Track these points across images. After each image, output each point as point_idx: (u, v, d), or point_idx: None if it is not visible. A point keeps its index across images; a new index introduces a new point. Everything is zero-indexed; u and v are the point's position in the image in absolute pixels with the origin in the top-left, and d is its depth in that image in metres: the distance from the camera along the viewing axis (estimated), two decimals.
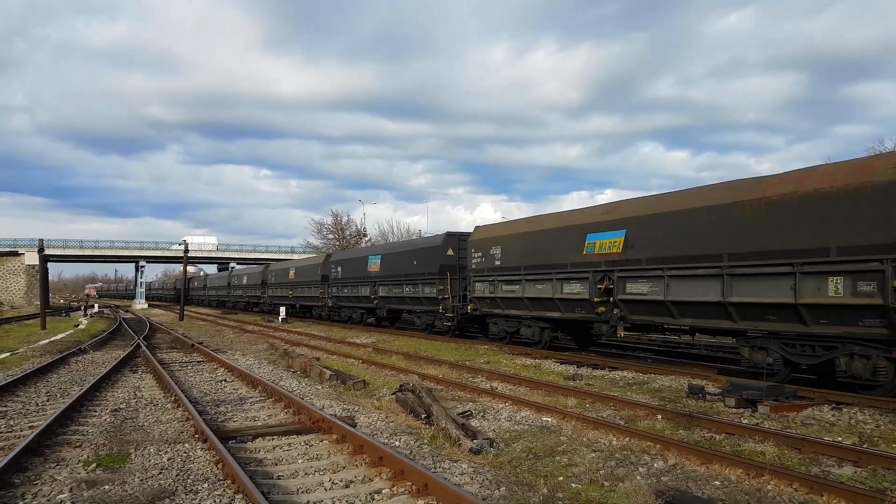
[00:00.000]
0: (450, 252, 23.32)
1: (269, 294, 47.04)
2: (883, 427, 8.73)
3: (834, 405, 10.07)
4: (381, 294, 28.03)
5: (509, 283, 19.45)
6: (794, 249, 11.27)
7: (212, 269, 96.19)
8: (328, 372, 14.01)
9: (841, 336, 10.89)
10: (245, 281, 54.81)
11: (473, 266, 21.43)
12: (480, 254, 21.10)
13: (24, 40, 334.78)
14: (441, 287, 23.15)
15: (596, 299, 15.72)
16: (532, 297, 18.35)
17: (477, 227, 22.15)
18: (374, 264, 28.66)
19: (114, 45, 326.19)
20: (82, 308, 57.00)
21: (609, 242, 15.54)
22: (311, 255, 55.54)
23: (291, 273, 41.60)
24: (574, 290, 16.68)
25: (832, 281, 10.81)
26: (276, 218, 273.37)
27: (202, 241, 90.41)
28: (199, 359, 18.62)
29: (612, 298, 15.34)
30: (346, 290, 32.35)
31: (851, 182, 10.66)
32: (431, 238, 26.78)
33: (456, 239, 23.60)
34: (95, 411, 10.45)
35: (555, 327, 18.55)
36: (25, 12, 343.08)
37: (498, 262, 20.15)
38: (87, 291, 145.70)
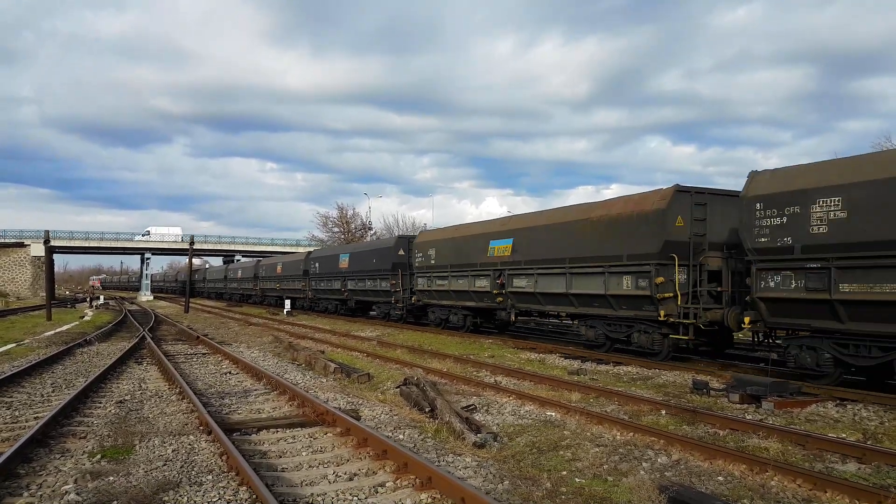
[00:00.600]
0: (401, 252, 27.45)
1: (261, 287, 49.43)
2: (887, 424, 8.70)
3: (838, 401, 10.05)
4: (349, 287, 32.14)
5: (441, 278, 23.64)
6: (604, 255, 15.48)
7: (217, 261, 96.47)
8: (333, 365, 14.04)
9: (632, 318, 15.10)
10: (240, 274, 57.25)
11: (416, 264, 25.56)
12: (421, 254, 25.19)
13: (32, 32, 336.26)
14: (394, 282, 27.22)
15: (495, 291, 19.94)
16: (456, 289, 22.61)
17: (420, 233, 26.40)
18: (344, 261, 32.83)
19: (122, 37, 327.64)
20: (88, 300, 57.35)
21: (502, 248, 19.99)
22: (296, 252, 58.43)
23: (279, 268, 45.39)
24: (482, 284, 20.82)
25: (624, 278, 15.00)
26: (282, 211, 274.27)
27: (166, 233, 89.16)
28: (204, 351, 18.69)
29: (504, 291, 19.57)
30: (322, 284, 36.71)
31: (636, 209, 14.82)
32: (387, 240, 31.11)
33: (406, 241, 27.81)
34: (100, 403, 10.49)
35: (474, 314, 22.83)
36: (35, 4, 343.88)
37: (433, 262, 24.30)
38: (91, 283, 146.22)
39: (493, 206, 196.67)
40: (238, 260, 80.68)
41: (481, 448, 7.57)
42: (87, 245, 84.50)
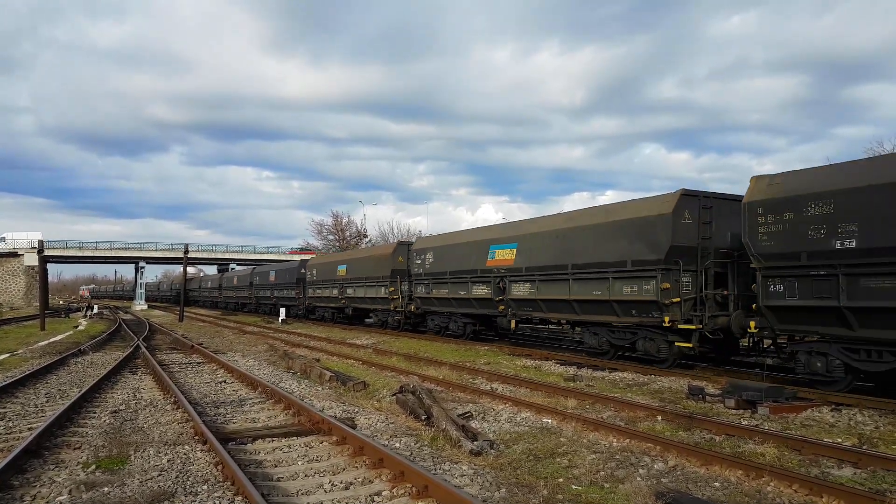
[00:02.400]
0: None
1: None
2: (882, 428, 8.73)
3: (833, 406, 10.07)
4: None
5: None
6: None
7: (212, 269, 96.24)
8: (328, 373, 14.01)
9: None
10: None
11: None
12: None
13: (30, 41, 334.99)
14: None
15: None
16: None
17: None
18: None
19: (120, 45, 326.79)
20: (84, 309, 57.16)
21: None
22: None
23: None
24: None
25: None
26: (278, 219, 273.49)
27: (23, 238, 77.20)
28: (198, 360, 18.61)
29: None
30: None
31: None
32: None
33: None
34: (95, 413, 10.44)
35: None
36: (32, 13, 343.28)
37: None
38: (81, 292, 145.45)
39: (488, 212, 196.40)
40: (233, 268, 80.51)
41: (478, 456, 7.55)
42: (81, 254, 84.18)
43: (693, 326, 13.57)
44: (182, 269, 57.13)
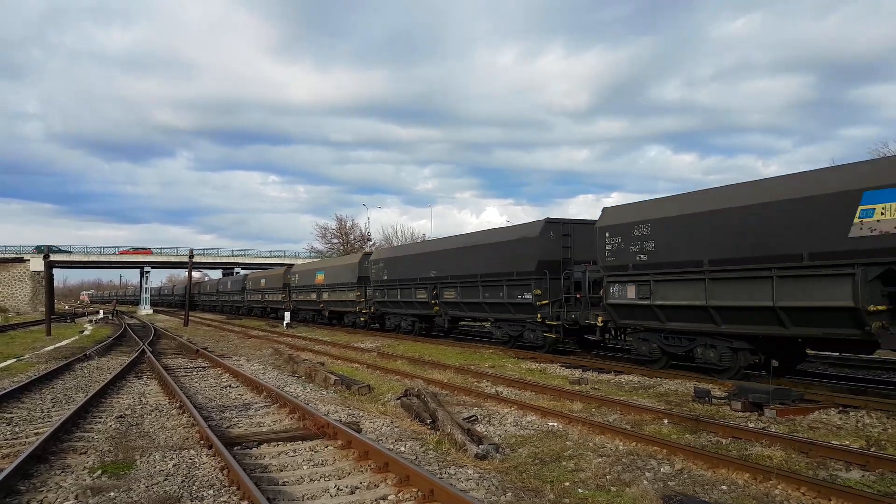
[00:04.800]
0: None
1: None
2: (890, 430, 8.67)
3: (841, 408, 10.02)
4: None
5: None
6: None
7: (217, 274, 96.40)
8: (333, 377, 14.00)
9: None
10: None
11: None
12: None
13: (39, 47, 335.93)
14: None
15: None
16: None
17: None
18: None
19: (127, 51, 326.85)
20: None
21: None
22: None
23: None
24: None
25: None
26: (283, 223, 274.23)
27: None
28: (203, 364, 18.64)
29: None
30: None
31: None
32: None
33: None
34: (101, 417, 10.45)
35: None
36: (42, 20, 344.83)
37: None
38: (81, 297, 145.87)
39: (493, 215, 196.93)
40: (237, 272, 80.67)
41: (483, 460, 7.53)
42: (86, 259, 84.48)
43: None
44: (187, 273, 57.20)
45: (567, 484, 6.65)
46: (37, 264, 71.82)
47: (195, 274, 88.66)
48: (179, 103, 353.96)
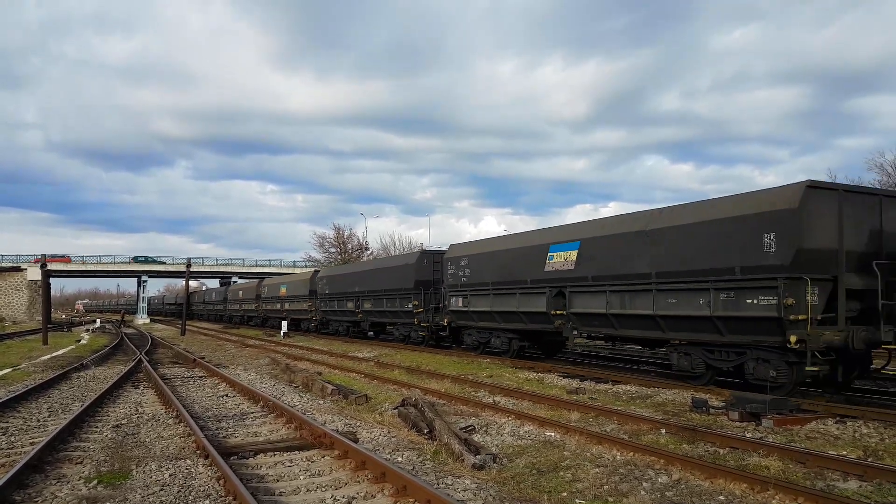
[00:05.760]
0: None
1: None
2: (888, 440, 8.68)
3: (838, 418, 10.02)
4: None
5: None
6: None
7: (214, 283, 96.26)
8: (330, 387, 13.97)
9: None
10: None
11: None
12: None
13: (39, 57, 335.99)
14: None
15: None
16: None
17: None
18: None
19: (127, 60, 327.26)
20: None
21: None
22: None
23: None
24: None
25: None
26: (281, 232, 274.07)
27: None
28: (200, 374, 18.59)
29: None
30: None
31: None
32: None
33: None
34: (97, 427, 10.42)
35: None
36: (43, 29, 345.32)
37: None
38: (77, 307, 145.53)
39: (491, 224, 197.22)
40: (235, 282, 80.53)
41: (480, 470, 7.52)
42: (83, 269, 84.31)
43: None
44: (184, 282, 57.18)
45: (564, 494, 6.64)
46: (34, 273, 71.68)
47: (192, 283, 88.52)
48: (179, 113, 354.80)
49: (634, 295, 14.74)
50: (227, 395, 14.04)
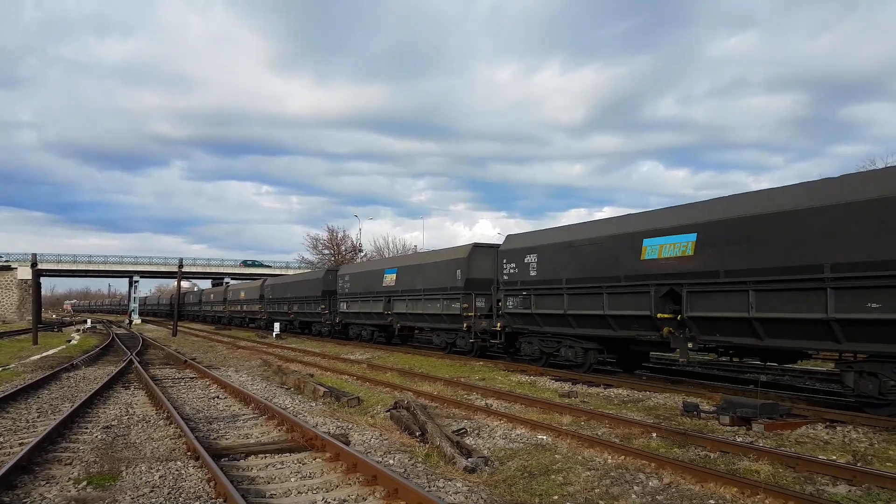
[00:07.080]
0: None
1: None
2: (877, 445, 8.73)
3: (828, 423, 10.07)
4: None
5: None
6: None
7: (206, 284, 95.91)
8: (322, 389, 13.94)
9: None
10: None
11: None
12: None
13: (37, 58, 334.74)
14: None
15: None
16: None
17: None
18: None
19: (125, 62, 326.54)
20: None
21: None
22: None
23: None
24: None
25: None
26: (275, 234, 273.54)
27: None
28: (192, 375, 18.51)
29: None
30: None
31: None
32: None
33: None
34: (87, 428, 10.36)
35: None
36: (41, 30, 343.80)
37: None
38: (65, 307, 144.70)
39: (486, 228, 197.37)
40: (227, 283, 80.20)
41: (472, 473, 7.52)
42: (74, 268, 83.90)
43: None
44: (176, 283, 56.93)
45: (556, 497, 6.64)
46: (24, 273, 71.28)
47: (185, 284, 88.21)
48: (177, 115, 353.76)
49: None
50: (218, 397, 13.99)
